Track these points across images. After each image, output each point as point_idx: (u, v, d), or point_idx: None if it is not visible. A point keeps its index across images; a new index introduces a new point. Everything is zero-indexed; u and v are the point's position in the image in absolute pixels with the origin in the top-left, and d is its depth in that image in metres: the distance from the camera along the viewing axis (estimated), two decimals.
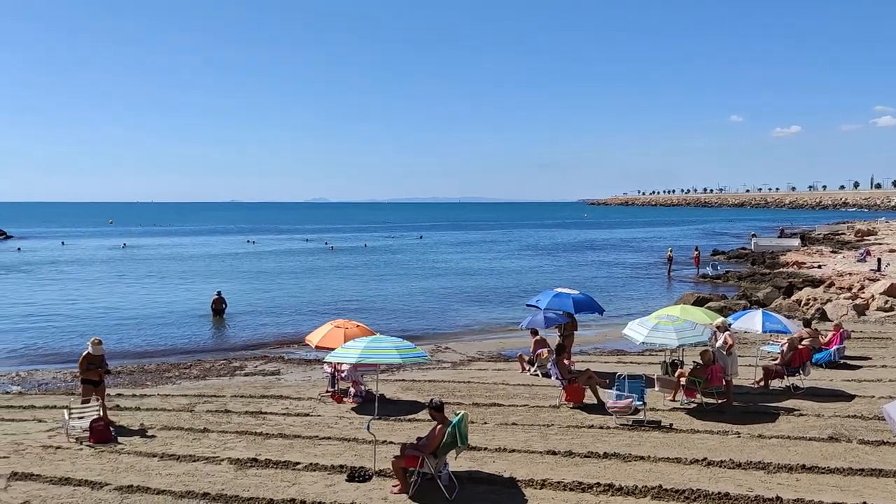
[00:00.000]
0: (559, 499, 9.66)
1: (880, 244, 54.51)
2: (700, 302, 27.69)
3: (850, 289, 30.15)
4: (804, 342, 16.77)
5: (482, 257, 60.70)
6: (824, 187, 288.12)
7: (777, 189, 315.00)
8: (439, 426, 9.88)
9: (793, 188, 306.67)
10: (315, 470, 10.83)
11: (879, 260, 39.37)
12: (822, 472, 10.41)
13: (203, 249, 70.09)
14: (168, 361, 20.82)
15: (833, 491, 9.73)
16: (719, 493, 9.59)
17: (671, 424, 13.08)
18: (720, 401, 14.33)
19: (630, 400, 13.22)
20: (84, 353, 13.62)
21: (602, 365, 18.60)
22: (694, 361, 15.13)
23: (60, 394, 16.53)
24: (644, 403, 13.39)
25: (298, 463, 11.12)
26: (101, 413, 12.93)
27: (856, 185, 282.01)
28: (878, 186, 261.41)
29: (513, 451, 11.57)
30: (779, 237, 70.28)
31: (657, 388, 14.77)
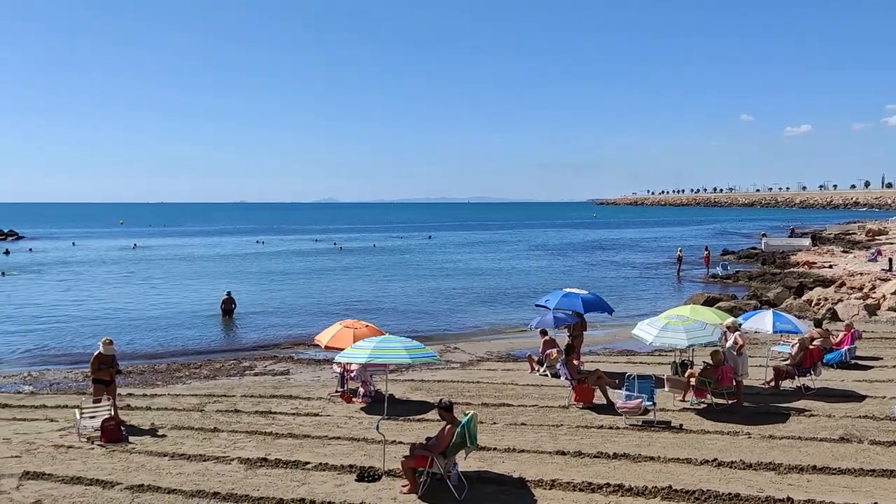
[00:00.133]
0: (569, 499, 9.65)
1: (891, 244, 54.12)
2: (710, 302, 27.58)
3: (861, 289, 29.97)
4: (815, 342, 16.70)
5: (491, 257, 60.66)
6: (835, 186, 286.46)
7: (787, 188, 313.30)
8: (448, 426, 9.89)
9: (803, 187, 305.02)
10: (324, 470, 10.86)
11: (891, 260, 39.10)
12: (833, 473, 10.37)
13: (213, 250, 70.34)
14: (178, 361, 20.91)
15: (844, 492, 9.69)
16: (730, 494, 9.56)
17: (681, 425, 13.05)
18: (730, 401, 14.28)
19: (640, 400, 13.19)
20: (95, 353, 13.72)
21: (611, 365, 18.56)
22: (704, 362, 15.08)
23: (72, 393, 16.63)
24: (654, 404, 13.36)
25: (308, 463, 11.15)
26: (113, 413, 13.00)
27: (867, 185, 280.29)
28: (890, 186, 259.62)
29: (522, 452, 11.57)
30: (789, 237, 69.90)
31: (667, 389, 14.73)
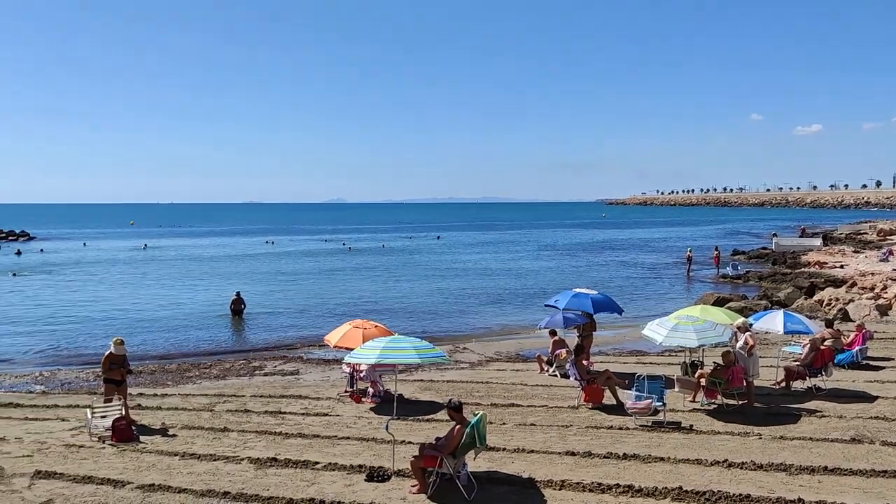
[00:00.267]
0: (578, 500, 9.63)
1: None
2: (720, 302, 27.48)
3: (873, 289, 29.79)
4: (826, 343, 16.61)
5: (500, 258, 60.62)
6: (846, 186, 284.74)
7: (798, 188, 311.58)
8: (458, 426, 9.89)
9: (814, 187, 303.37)
10: (334, 469, 10.87)
11: None
12: (845, 474, 10.31)
13: (222, 250, 70.59)
14: (188, 361, 21.00)
15: (855, 493, 9.64)
16: (740, 495, 9.52)
17: (691, 425, 13.01)
18: (741, 402, 14.23)
19: (649, 401, 13.17)
20: (107, 353, 13.80)
21: (621, 365, 18.52)
22: (714, 362, 15.03)
23: (83, 393, 16.73)
24: (664, 404, 13.33)
25: (317, 462, 11.17)
26: (124, 412, 13.07)
27: (878, 184, 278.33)
28: None
29: (531, 452, 11.56)
30: (800, 237, 69.54)
31: (677, 389, 14.69)
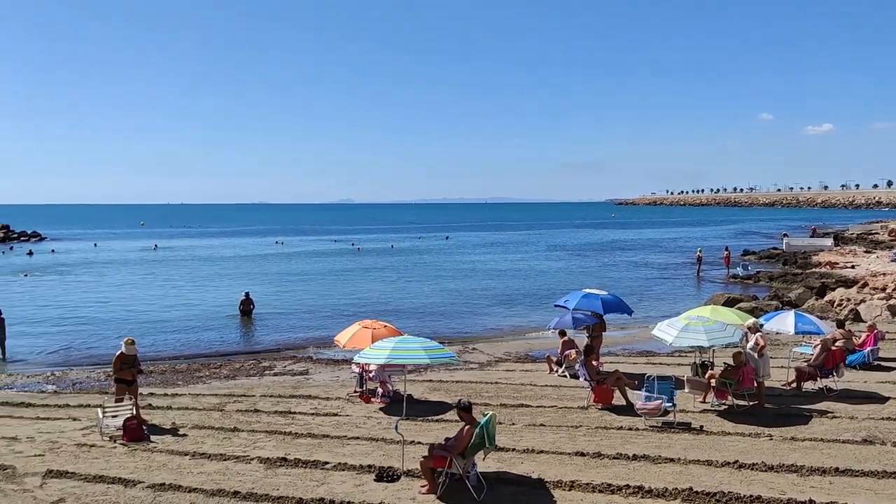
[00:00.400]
0: (588, 500, 9.62)
1: None
2: (731, 302, 27.39)
3: (884, 289, 29.60)
4: (837, 343, 16.53)
5: (509, 258, 60.57)
6: (857, 186, 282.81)
7: (809, 188, 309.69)
8: (467, 427, 9.89)
9: (825, 187, 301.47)
10: (344, 469, 10.89)
11: None
12: (856, 475, 10.26)
13: (232, 250, 70.81)
14: (198, 361, 21.09)
15: (867, 494, 9.59)
16: (751, 496, 9.48)
17: (701, 426, 12.96)
18: (752, 403, 14.18)
19: (659, 401, 13.13)
20: (118, 353, 13.89)
21: (631, 366, 18.48)
22: (725, 363, 14.97)
23: (94, 393, 16.83)
24: (674, 405, 13.30)
25: (327, 462, 11.20)
26: (135, 412, 13.13)
27: (889, 184, 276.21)
28: None
29: (541, 453, 11.55)
30: (811, 237, 69.20)
31: (687, 390, 14.63)
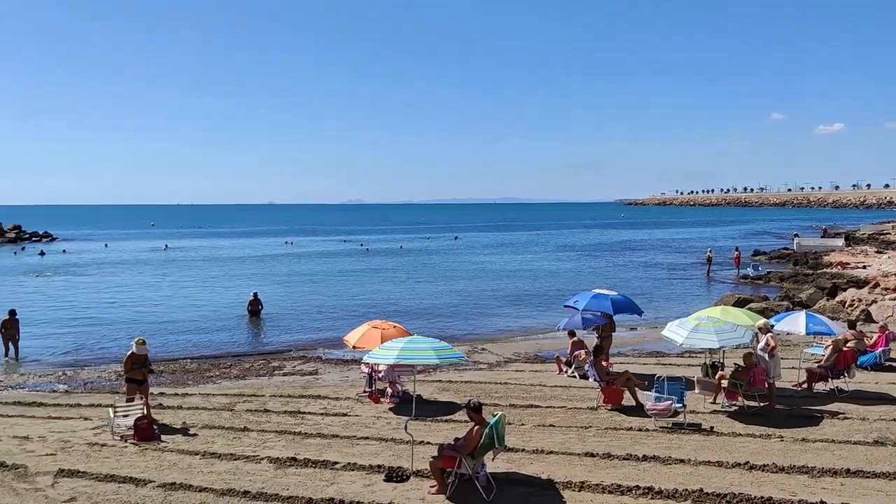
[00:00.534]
0: (598, 501, 9.60)
1: None
2: (741, 303, 27.29)
3: None
4: (849, 344, 16.44)
5: (518, 258, 60.52)
6: (868, 186, 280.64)
7: (820, 188, 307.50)
8: (477, 427, 9.89)
9: (836, 187, 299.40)
10: (353, 469, 10.91)
11: None
12: (868, 477, 10.20)
13: (242, 251, 71.05)
14: (208, 361, 21.15)
15: (878, 496, 9.54)
16: (762, 498, 9.44)
17: (712, 427, 12.92)
18: (762, 404, 14.11)
19: (669, 402, 13.09)
20: (129, 353, 13.97)
21: (641, 367, 18.43)
22: (735, 363, 14.91)
23: (105, 392, 16.92)
24: (684, 406, 13.25)
25: (337, 462, 11.22)
26: (145, 411, 13.19)
27: None
28: None
29: (550, 453, 11.53)
30: (822, 237, 68.87)
31: (697, 391, 14.59)
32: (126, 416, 12.95)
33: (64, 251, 68.58)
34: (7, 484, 10.49)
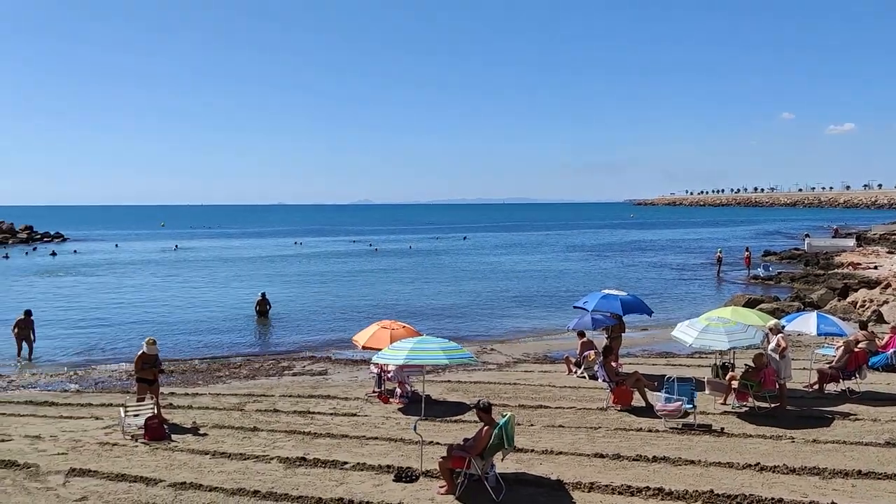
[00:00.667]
0: (607, 502, 9.59)
1: None
2: (751, 303, 27.17)
3: None
4: (860, 345, 16.34)
5: (527, 259, 60.45)
6: (880, 186, 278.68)
7: (831, 188, 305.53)
8: (486, 427, 9.89)
9: (847, 187, 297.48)
10: (362, 470, 10.93)
11: None
12: (879, 478, 10.15)
13: (251, 251, 71.25)
14: (218, 361, 21.22)
15: (890, 497, 9.49)
16: (773, 499, 9.40)
17: (722, 428, 12.87)
18: (773, 405, 14.05)
19: (679, 403, 13.05)
20: (139, 353, 14.03)
21: (650, 367, 18.39)
22: (745, 364, 14.85)
23: (116, 392, 17.01)
24: (694, 407, 13.22)
25: (346, 462, 11.24)
26: (156, 411, 13.26)
27: None
28: None
29: (560, 454, 11.52)
30: (833, 237, 68.51)
31: (707, 392, 14.54)
32: (137, 416, 13.02)
33: (75, 251, 68.93)
34: (19, 483, 10.57)
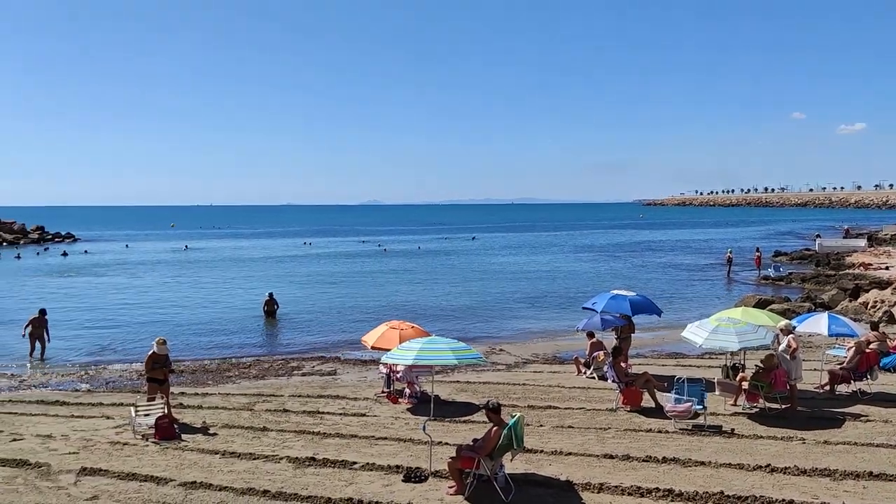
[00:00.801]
0: (617, 503, 9.56)
1: None
2: (762, 304, 27.05)
3: None
4: (872, 346, 16.24)
5: (536, 259, 60.37)
6: (891, 186, 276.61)
7: (842, 188, 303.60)
8: (495, 428, 9.88)
9: (858, 187, 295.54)
10: (372, 470, 10.95)
11: None
12: (891, 480, 10.08)
13: (261, 252, 71.46)
14: (228, 361, 21.29)
15: None
16: (783, 501, 9.36)
17: (733, 429, 12.81)
18: (784, 406, 13.98)
19: (689, 404, 13.00)
20: (150, 353, 14.08)
21: (660, 368, 18.33)
22: (756, 365, 14.78)
23: (127, 392, 17.09)
24: (704, 408, 13.16)
25: (355, 462, 11.25)
26: (166, 411, 13.32)
27: None
28: None
29: (569, 455, 11.50)
30: (844, 237, 68.12)
31: (718, 393, 14.49)
32: (147, 416, 13.08)
33: (86, 252, 69.29)
34: (30, 482, 10.63)
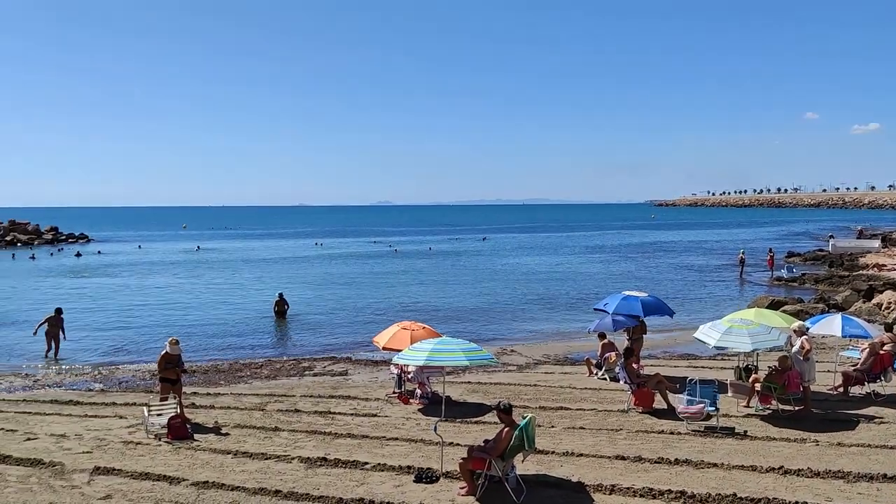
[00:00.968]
0: None
1: None
2: (775, 305, 26.90)
3: None
4: (886, 347, 16.09)
5: (548, 260, 60.28)
6: None
7: (855, 188, 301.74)
8: (507, 429, 9.87)
9: (872, 187, 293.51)
10: (383, 470, 10.96)
11: None
12: None
13: (272, 252, 71.68)
14: (240, 361, 21.36)
15: None
16: (796, 503, 9.30)
17: (745, 431, 12.75)
18: (797, 407, 13.90)
19: (702, 405, 12.94)
20: (162, 353, 14.17)
21: (672, 369, 18.26)
22: (769, 366, 14.71)
23: (140, 392, 17.18)
24: (716, 409, 13.11)
25: (367, 463, 11.27)
26: (179, 411, 13.39)
27: None
28: None
29: (581, 456, 11.47)
30: (858, 238, 67.63)
31: (730, 394, 14.43)
32: (160, 415, 13.16)
33: (99, 252, 69.71)
34: (44, 481, 10.71)
